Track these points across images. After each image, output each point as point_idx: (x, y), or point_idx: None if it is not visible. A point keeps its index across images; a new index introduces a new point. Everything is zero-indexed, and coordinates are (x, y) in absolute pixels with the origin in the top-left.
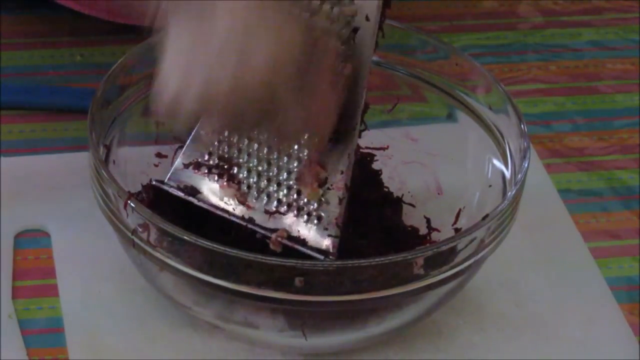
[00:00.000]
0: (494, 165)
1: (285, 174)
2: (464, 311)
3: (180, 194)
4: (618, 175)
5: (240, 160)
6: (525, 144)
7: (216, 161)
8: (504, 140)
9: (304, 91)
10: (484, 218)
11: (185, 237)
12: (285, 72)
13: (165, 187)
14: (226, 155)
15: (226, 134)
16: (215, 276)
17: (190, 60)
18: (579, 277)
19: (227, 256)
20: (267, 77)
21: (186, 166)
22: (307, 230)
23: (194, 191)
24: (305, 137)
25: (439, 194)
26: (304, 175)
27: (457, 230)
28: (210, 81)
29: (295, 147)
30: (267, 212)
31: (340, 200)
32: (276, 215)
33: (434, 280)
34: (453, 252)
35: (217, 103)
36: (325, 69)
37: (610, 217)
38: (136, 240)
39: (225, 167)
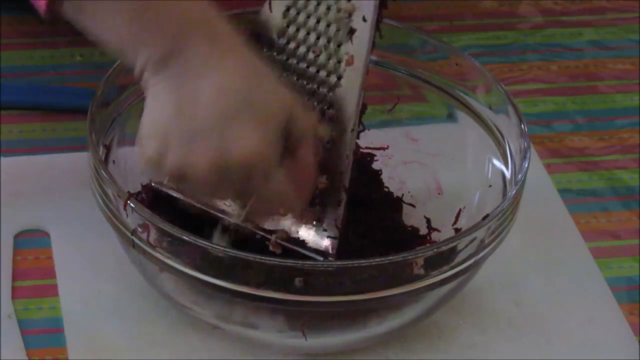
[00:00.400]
0: (494, 165)
1: None
2: (464, 311)
3: (179, 196)
4: (618, 175)
5: None
6: (525, 144)
7: None
8: (504, 140)
9: (281, 174)
10: (484, 218)
11: (185, 237)
12: (264, 159)
13: (164, 189)
14: None
15: None
16: (215, 276)
17: (170, 129)
18: (579, 277)
19: (226, 256)
20: (246, 162)
21: None
22: (306, 232)
23: None
24: (281, 211)
25: (439, 194)
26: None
27: (457, 230)
28: (187, 155)
29: None
30: None
31: (339, 202)
32: (275, 216)
33: (434, 280)
34: (453, 252)
35: (192, 176)
36: (303, 153)
37: (610, 217)
38: (136, 240)
39: None
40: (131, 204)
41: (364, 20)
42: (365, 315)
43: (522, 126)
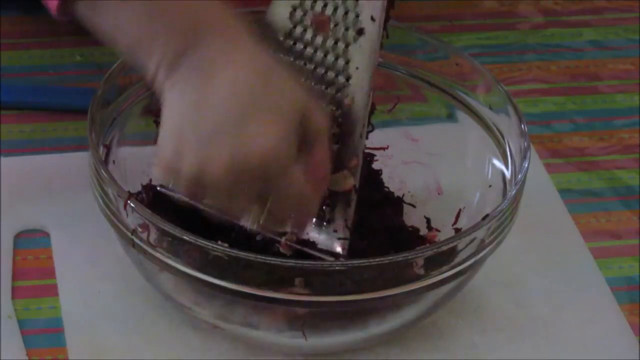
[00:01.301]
0: (494, 165)
1: None
2: (464, 311)
3: (185, 199)
4: (618, 175)
5: None
6: (525, 144)
7: None
8: (504, 140)
9: (298, 171)
10: (484, 218)
11: (185, 237)
12: (282, 156)
13: (170, 192)
14: None
15: None
16: (215, 276)
17: (184, 131)
18: (579, 277)
19: (227, 256)
20: (264, 159)
21: None
22: (316, 233)
23: None
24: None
25: (439, 194)
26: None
27: (457, 230)
28: (203, 157)
29: None
30: None
31: (349, 203)
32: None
33: (434, 280)
34: (453, 252)
35: (209, 178)
36: (318, 150)
37: (610, 217)
38: (136, 240)
39: None
40: (131, 204)
41: (372, 19)
42: (365, 315)
43: (522, 126)
